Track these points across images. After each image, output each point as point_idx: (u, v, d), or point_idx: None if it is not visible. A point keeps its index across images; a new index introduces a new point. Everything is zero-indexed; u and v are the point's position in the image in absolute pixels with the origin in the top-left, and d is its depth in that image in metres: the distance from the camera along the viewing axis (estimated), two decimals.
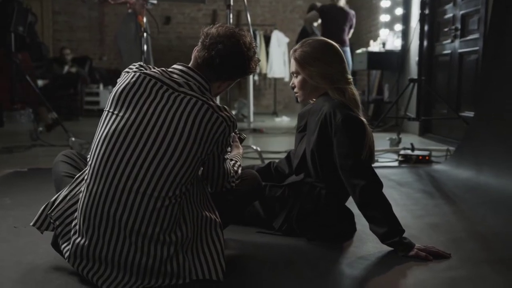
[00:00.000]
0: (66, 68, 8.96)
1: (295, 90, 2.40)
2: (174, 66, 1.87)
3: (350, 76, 2.34)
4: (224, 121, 1.76)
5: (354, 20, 6.62)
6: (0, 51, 6.23)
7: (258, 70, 9.62)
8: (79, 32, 10.47)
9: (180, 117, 1.71)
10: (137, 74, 1.78)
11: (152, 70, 1.81)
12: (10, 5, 5.35)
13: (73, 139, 4.87)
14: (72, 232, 1.77)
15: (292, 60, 2.38)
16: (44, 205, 1.90)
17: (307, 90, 2.36)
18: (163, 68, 1.84)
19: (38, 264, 1.95)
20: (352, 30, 6.67)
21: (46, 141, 5.30)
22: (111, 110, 1.77)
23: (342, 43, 6.46)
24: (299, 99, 2.43)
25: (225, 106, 1.80)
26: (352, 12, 6.59)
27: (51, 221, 1.85)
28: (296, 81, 2.38)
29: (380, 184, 2.17)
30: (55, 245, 1.89)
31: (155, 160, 1.68)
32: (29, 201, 2.95)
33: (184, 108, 1.73)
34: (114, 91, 1.79)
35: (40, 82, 8.37)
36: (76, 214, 1.78)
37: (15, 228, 2.44)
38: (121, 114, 1.74)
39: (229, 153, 1.92)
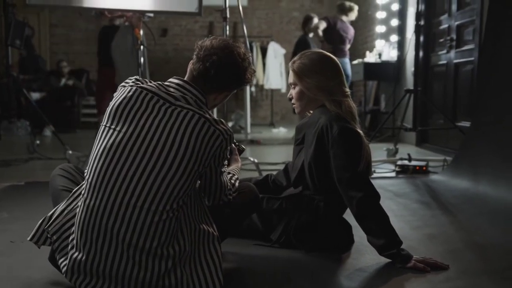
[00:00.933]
0: (63, 80, 8.97)
1: (293, 101, 2.41)
2: (171, 79, 1.87)
3: (347, 89, 2.35)
4: (221, 134, 1.76)
5: (353, 36, 6.76)
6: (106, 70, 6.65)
7: (254, 81, 9.64)
8: (76, 45, 10.48)
9: (177, 131, 1.72)
10: (134, 88, 1.79)
11: (149, 84, 1.82)
12: (7, 18, 5.36)
13: (70, 152, 4.87)
14: (69, 247, 1.77)
15: (291, 72, 2.39)
16: (41, 220, 1.89)
17: (304, 101, 2.37)
18: (159, 82, 1.84)
19: (35, 279, 1.94)
20: (349, 45, 6.79)
21: (44, 154, 5.30)
22: (108, 125, 1.78)
23: (343, 53, 6.56)
24: (296, 111, 2.44)
25: (222, 120, 1.81)
26: (352, 29, 6.73)
27: (48, 236, 1.84)
28: (293, 92, 2.39)
29: (377, 196, 2.17)
30: (52, 260, 1.88)
31: (152, 174, 1.68)
32: (26, 215, 2.94)
33: (181, 122, 1.73)
34: (111, 106, 1.80)
35: (37, 95, 8.38)
36: (73, 228, 1.78)
37: (12, 242, 2.43)
38: (118, 128, 1.75)
39: (225, 166, 1.92)
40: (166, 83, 1.85)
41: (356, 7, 6.79)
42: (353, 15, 6.78)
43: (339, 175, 2.19)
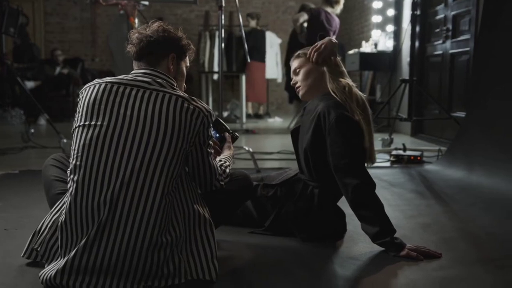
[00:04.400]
0: (58, 69, 8.93)
1: (298, 84, 2.41)
2: (134, 71, 1.89)
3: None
4: (201, 112, 1.78)
5: (338, 27, 6.66)
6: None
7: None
8: (71, 33, 10.44)
9: (160, 112, 1.73)
10: (103, 84, 1.80)
11: (114, 78, 1.83)
12: (1, 6, 5.33)
13: (64, 140, 4.85)
14: (60, 249, 1.75)
15: (295, 60, 2.43)
16: (31, 235, 1.91)
17: (310, 80, 2.37)
18: (124, 75, 1.85)
19: (29, 266, 1.94)
20: (335, 36, 6.71)
21: (38, 143, 5.28)
22: (82, 124, 1.77)
23: None
24: (301, 92, 2.42)
25: (198, 99, 1.83)
26: (337, 20, 6.63)
27: (39, 255, 1.87)
28: (300, 75, 2.40)
29: (373, 184, 2.17)
30: None
31: (145, 159, 1.69)
32: (20, 203, 2.94)
33: (161, 103, 1.74)
34: (83, 105, 1.79)
35: (32, 84, 8.34)
36: (59, 239, 1.76)
37: (6, 230, 2.42)
38: (99, 121, 1.74)
39: (212, 148, 1.92)
40: (131, 74, 1.86)
41: (342, 0, 6.73)
42: (339, 8, 6.69)
43: (335, 162, 2.19)
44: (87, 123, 1.76)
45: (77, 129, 1.78)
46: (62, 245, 1.74)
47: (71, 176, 1.75)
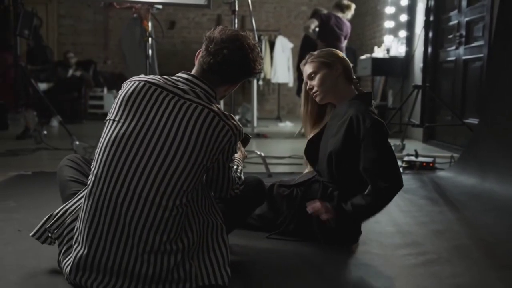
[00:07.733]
0: (70, 71, 8.98)
1: (315, 88, 2.38)
2: (179, 74, 1.85)
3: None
4: (230, 130, 1.75)
5: (349, 31, 6.69)
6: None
7: (262, 75, 9.62)
8: (84, 36, 10.50)
9: (187, 124, 1.70)
10: (142, 83, 1.78)
11: (155, 78, 1.80)
12: (16, 9, 5.38)
13: (77, 142, 4.88)
14: (74, 245, 1.76)
15: (310, 64, 2.41)
16: (46, 217, 1.89)
17: (327, 86, 2.36)
18: (166, 76, 1.83)
19: (41, 268, 1.95)
20: (346, 41, 6.73)
21: (50, 145, 5.32)
22: (112, 118, 1.77)
23: (338, 50, 6.48)
24: (318, 97, 2.39)
25: (232, 115, 1.79)
26: (348, 24, 6.65)
27: (49, 235, 1.85)
28: (315, 80, 2.37)
29: (400, 186, 2.17)
30: (59, 264, 1.86)
31: (162, 168, 1.67)
32: (33, 205, 2.95)
33: (190, 115, 1.71)
34: (118, 99, 1.78)
35: (44, 86, 8.39)
36: (76, 229, 1.77)
37: (19, 231, 2.44)
38: (127, 121, 1.73)
39: (234, 161, 1.91)
40: (174, 77, 1.83)
41: (353, 6, 6.73)
42: (350, 14, 6.72)
43: (368, 166, 2.17)
44: (116, 119, 1.75)
45: (107, 121, 1.79)
46: (78, 238, 1.74)
47: (92, 168, 1.76)
